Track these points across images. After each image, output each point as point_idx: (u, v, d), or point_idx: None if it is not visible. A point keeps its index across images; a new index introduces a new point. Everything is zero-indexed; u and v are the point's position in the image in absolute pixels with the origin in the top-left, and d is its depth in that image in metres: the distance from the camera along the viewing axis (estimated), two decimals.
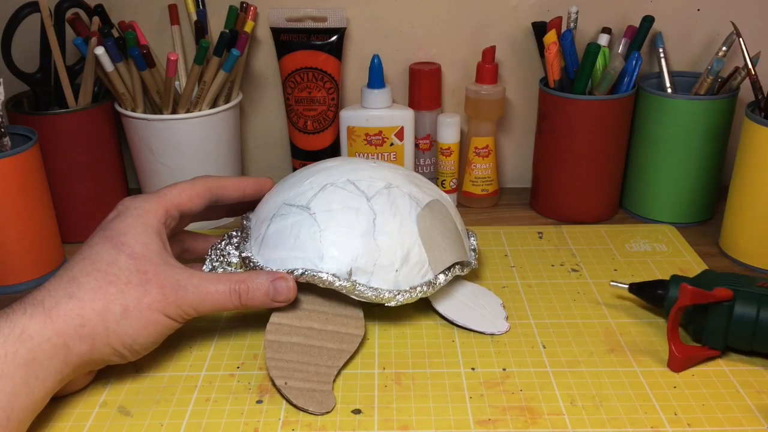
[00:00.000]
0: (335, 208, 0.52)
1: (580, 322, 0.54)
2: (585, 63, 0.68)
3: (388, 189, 0.54)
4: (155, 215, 0.49)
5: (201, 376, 0.49)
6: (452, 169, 0.74)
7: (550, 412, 0.45)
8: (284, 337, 0.49)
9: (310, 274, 0.49)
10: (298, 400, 0.45)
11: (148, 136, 0.67)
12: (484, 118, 0.72)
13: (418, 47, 0.76)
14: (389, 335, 0.53)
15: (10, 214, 0.58)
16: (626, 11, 0.73)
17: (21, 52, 0.66)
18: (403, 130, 0.72)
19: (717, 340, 0.49)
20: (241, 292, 0.48)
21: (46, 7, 0.64)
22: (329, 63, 0.73)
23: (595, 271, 0.61)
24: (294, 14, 0.73)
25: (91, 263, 0.46)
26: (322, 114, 0.75)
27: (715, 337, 0.49)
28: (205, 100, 0.67)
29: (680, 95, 0.69)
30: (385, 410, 0.45)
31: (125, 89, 0.66)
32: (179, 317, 0.47)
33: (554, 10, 0.73)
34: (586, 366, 0.49)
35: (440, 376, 0.48)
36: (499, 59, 0.75)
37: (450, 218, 0.56)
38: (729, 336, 0.49)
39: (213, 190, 0.54)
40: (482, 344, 0.52)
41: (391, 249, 0.51)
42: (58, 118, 0.65)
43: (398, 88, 0.77)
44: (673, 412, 0.45)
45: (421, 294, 0.52)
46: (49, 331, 0.42)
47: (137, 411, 0.46)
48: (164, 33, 0.74)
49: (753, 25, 0.73)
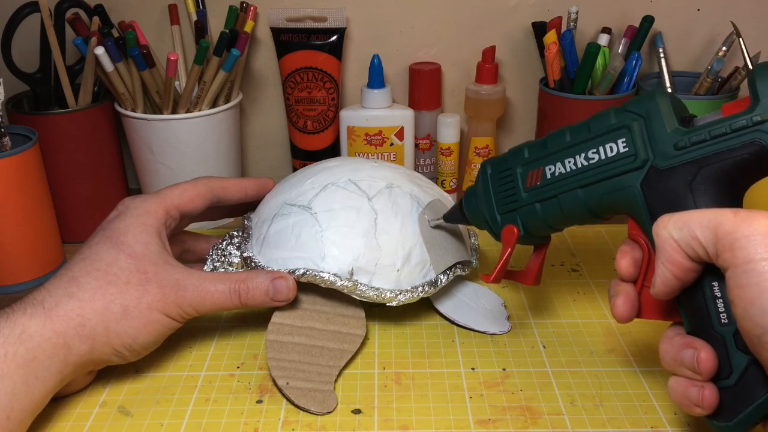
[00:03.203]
0: (336, 208, 0.52)
1: (580, 322, 0.54)
2: (585, 63, 0.68)
3: (389, 189, 0.54)
4: (155, 215, 0.49)
5: (201, 376, 0.49)
6: (452, 169, 0.74)
7: (550, 412, 0.45)
8: (286, 337, 0.49)
9: (311, 274, 0.49)
10: (300, 400, 0.45)
11: (148, 136, 0.67)
12: (484, 118, 0.72)
13: (418, 47, 0.76)
14: (389, 335, 0.53)
15: (10, 214, 0.58)
16: (626, 11, 0.73)
17: (21, 52, 0.66)
18: (403, 130, 0.72)
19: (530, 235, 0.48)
20: (241, 291, 0.48)
21: (46, 7, 0.64)
22: (329, 63, 0.73)
23: (595, 271, 0.61)
24: (294, 14, 0.73)
25: (91, 263, 0.46)
26: (322, 114, 0.75)
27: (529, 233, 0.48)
28: (205, 100, 0.67)
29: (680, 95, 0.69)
30: (385, 410, 0.45)
31: (125, 89, 0.66)
32: (179, 317, 0.47)
33: (554, 10, 0.73)
34: (586, 366, 0.49)
35: (440, 376, 0.48)
36: (499, 59, 0.75)
37: None
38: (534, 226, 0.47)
39: (214, 190, 0.54)
40: (482, 344, 0.52)
41: (393, 249, 0.51)
42: (58, 118, 0.65)
43: (398, 88, 0.77)
44: (673, 412, 0.45)
45: (423, 294, 0.52)
46: (49, 331, 0.42)
47: (137, 411, 0.46)
48: (164, 33, 0.74)
49: (753, 25, 0.73)
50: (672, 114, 0.40)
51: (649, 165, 0.40)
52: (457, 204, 0.52)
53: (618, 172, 0.42)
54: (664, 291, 0.38)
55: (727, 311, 0.36)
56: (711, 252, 0.35)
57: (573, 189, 0.44)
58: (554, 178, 0.45)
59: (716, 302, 0.37)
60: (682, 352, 0.38)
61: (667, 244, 0.36)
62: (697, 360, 0.37)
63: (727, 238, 0.34)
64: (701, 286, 0.37)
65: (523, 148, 0.47)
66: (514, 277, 0.51)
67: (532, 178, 0.46)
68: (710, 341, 0.37)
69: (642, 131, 0.41)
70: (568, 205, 0.44)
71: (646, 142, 0.40)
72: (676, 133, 0.39)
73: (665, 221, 0.37)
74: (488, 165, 0.49)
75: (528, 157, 0.46)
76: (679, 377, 0.38)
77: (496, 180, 0.48)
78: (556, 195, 0.45)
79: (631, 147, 0.41)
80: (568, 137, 0.44)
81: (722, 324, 0.37)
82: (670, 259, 0.36)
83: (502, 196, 0.48)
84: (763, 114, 0.36)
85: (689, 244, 0.36)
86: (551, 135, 0.46)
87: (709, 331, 0.37)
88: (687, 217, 0.36)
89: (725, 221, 0.34)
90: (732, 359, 0.36)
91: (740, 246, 0.33)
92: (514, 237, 0.47)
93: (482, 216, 0.50)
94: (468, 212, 0.51)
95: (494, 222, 0.49)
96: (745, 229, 0.33)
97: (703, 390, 0.37)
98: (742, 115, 0.37)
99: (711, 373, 0.37)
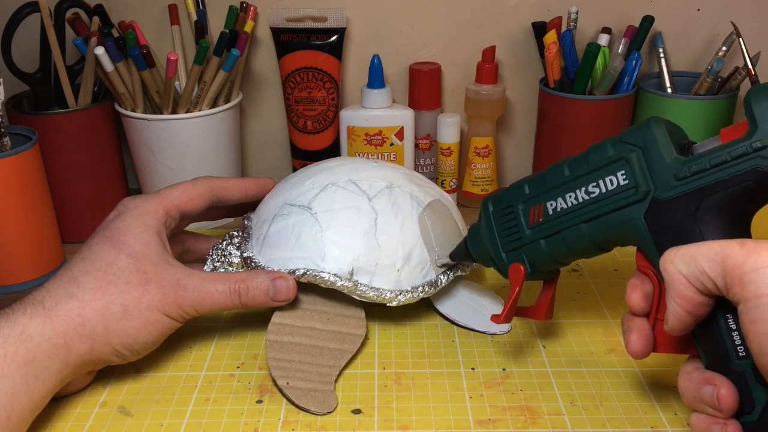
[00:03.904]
0: (337, 208, 0.52)
1: (580, 322, 0.54)
2: (585, 63, 0.68)
3: (389, 189, 0.54)
4: (155, 215, 0.49)
5: (201, 376, 0.49)
6: (452, 169, 0.74)
7: (550, 412, 0.45)
8: (286, 337, 0.49)
9: (311, 274, 0.49)
10: (300, 400, 0.45)
11: (148, 136, 0.67)
12: (484, 118, 0.72)
13: (418, 47, 0.76)
14: (389, 335, 0.53)
15: (10, 214, 0.58)
16: (626, 11, 0.73)
17: (21, 52, 0.66)
18: (403, 130, 0.72)
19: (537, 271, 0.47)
20: (241, 291, 0.48)
21: (46, 7, 0.64)
22: (329, 63, 0.73)
23: (595, 271, 0.61)
24: (294, 14, 0.73)
25: (91, 263, 0.46)
26: (322, 114, 0.75)
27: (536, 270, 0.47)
28: (205, 100, 0.67)
29: (680, 95, 0.69)
30: (385, 410, 0.45)
31: (125, 89, 0.66)
32: (179, 317, 0.47)
33: (554, 10, 0.73)
34: (586, 366, 0.49)
35: (440, 376, 0.48)
36: (499, 59, 0.75)
37: (451, 218, 0.56)
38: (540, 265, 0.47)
39: (214, 190, 0.54)
40: (482, 344, 0.52)
41: (393, 249, 0.51)
42: (58, 118, 0.65)
43: (398, 88, 0.77)
44: (673, 412, 0.45)
45: (423, 294, 0.52)
46: (49, 331, 0.42)
47: (137, 411, 0.46)
48: (164, 33, 0.74)
49: (753, 25, 0.73)
50: (669, 143, 0.39)
51: (651, 196, 0.40)
52: (463, 242, 0.52)
53: (620, 205, 0.41)
54: (678, 327, 0.37)
55: (744, 344, 0.36)
56: (721, 286, 0.34)
57: (576, 224, 0.43)
58: (556, 213, 0.44)
59: (732, 335, 0.36)
60: (702, 389, 0.37)
61: (676, 279, 0.36)
62: (717, 397, 0.36)
63: (735, 272, 0.33)
64: (715, 319, 0.36)
65: (522, 184, 0.46)
66: (525, 313, 0.50)
67: (535, 215, 0.45)
68: (729, 376, 0.36)
69: (641, 162, 0.40)
70: (573, 241, 0.44)
71: (646, 174, 0.40)
72: (675, 162, 0.39)
73: (671, 256, 0.36)
74: (489, 202, 0.48)
75: (528, 193, 0.46)
76: (701, 414, 0.37)
77: (498, 218, 0.47)
78: (560, 231, 0.44)
79: (631, 179, 0.40)
80: (566, 171, 0.43)
81: (740, 357, 0.36)
82: (681, 295, 0.36)
83: (506, 234, 0.47)
84: (763, 140, 0.35)
85: (698, 278, 0.35)
86: (550, 169, 0.45)
87: (728, 365, 0.36)
88: (694, 251, 0.35)
89: (732, 254, 0.33)
90: (753, 394, 0.35)
91: (749, 280, 0.32)
92: (521, 275, 0.46)
93: (487, 254, 0.49)
94: (473, 251, 0.50)
95: (500, 260, 0.48)
96: (753, 262, 0.32)
97: (726, 428, 0.36)
98: (741, 142, 0.36)
99: (733, 410, 0.36)
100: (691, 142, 0.40)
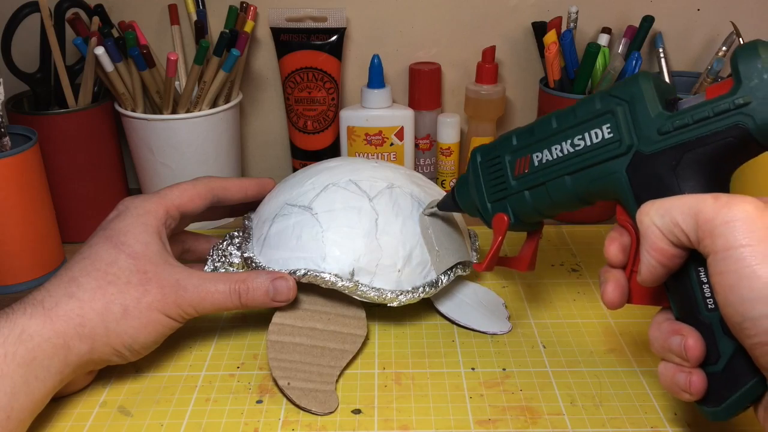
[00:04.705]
0: (337, 208, 0.52)
1: (580, 322, 0.54)
2: (585, 63, 0.68)
3: (390, 189, 0.54)
4: (155, 215, 0.49)
5: (201, 376, 0.49)
6: (452, 169, 0.74)
7: (550, 412, 0.45)
8: (287, 337, 0.49)
9: (312, 275, 0.49)
10: (301, 400, 0.45)
11: (148, 136, 0.67)
12: (484, 118, 0.72)
13: (418, 47, 0.76)
14: (389, 335, 0.53)
15: (10, 214, 0.58)
16: (626, 11, 0.73)
17: (21, 52, 0.66)
18: (403, 130, 0.72)
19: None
20: (241, 291, 0.48)
21: (46, 7, 0.64)
22: (329, 63, 0.73)
23: (595, 271, 0.61)
24: (294, 14, 0.73)
25: (91, 263, 0.46)
26: (322, 114, 0.75)
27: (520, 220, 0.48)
28: (205, 100, 0.67)
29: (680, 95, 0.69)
30: (385, 410, 0.45)
31: (125, 89, 0.66)
32: (179, 317, 0.47)
33: (554, 10, 0.73)
34: (586, 366, 0.49)
35: (440, 376, 0.48)
36: (499, 59, 0.75)
37: (452, 218, 0.56)
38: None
39: (215, 190, 0.54)
40: (482, 344, 0.52)
41: (394, 249, 0.51)
42: (58, 118, 0.65)
43: (398, 88, 0.77)
44: (673, 412, 0.45)
45: (424, 294, 0.52)
46: (49, 331, 0.42)
47: (137, 411, 0.46)
48: (164, 33, 0.74)
49: (753, 25, 0.73)
50: (656, 98, 0.39)
51: (634, 150, 0.40)
52: (450, 192, 0.52)
53: (604, 158, 0.41)
54: (650, 278, 0.38)
55: (714, 296, 0.36)
56: (693, 239, 0.35)
57: (560, 176, 0.44)
58: (542, 165, 0.44)
59: (702, 288, 0.37)
60: (670, 339, 0.38)
61: (650, 231, 0.36)
62: (684, 347, 0.37)
63: (707, 224, 0.34)
64: (687, 271, 0.37)
65: (511, 136, 0.47)
66: (508, 263, 0.51)
67: (521, 166, 0.46)
68: (697, 327, 0.37)
69: (626, 116, 0.40)
70: (556, 193, 0.44)
71: (631, 128, 0.40)
72: (659, 117, 0.39)
73: (647, 208, 0.37)
74: (478, 153, 0.49)
75: (516, 144, 0.46)
76: (668, 363, 0.38)
77: (485, 168, 0.48)
78: (544, 182, 0.45)
79: (616, 133, 0.41)
80: (554, 124, 0.44)
81: (709, 310, 0.37)
82: (654, 246, 0.36)
83: (492, 184, 0.48)
84: (746, 96, 0.36)
85: (671, 230, 0.36)
86: (538, 121, 0.45)
87: (697, 316, 0.37)
88: (669, 203, 0.36)
89: (705, 207, 0.34)
90: (719, 345, 0.36)
91: (719, 233, 0.33)
92: (504, 225, 0.47)
93: (473, 204, 0.49)
94: (460, 200, 0.51)
95: (485, 210, 0.49)
96: (724, 215, 0.33)
97: (690, 376, 0.37)
98: (725, 98, 0.36)
99: (698, 359, 0.37)
100: (678, 98, 0.40)
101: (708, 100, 0.37)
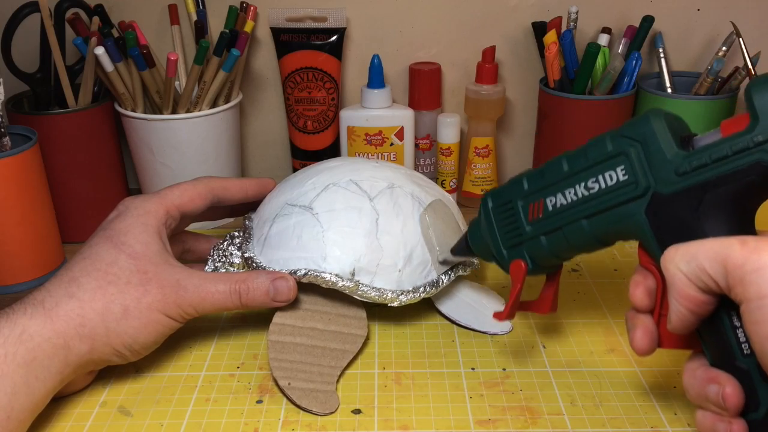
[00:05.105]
0: (338, 208, 0.52)
1: (580, 322, 0.54)
2: (585, 63, 0.68)
3: (390, 189, 0.54)
4: (155, 215, 0.49)
5: (201, 376, 0.49)
6: (452, 169, 0.74)
7: (550, 412, 0.45)
8: (287, 337, 0.49)
9: (313, 275, 0.49)
10: (302, 400, 0.45)
11: (148, 136, 0.67)
12: (484, 118, 0.72)
13: (418, 47, 0.76)
14: (389, 335, 0.53)
15: (10, 214, 0.58)
16: (626, 11, 0.73)
17: (21, 52, 0.66)
18: (403, 130, 0.72)
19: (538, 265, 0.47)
20: (242, 291, 0.48)
21: (46, 7, 0.64)
22: (329, 63, 0.73)
23: (595, 271, 0.61)
24: (294, 14, 0.73)
25: (92, 263, 0.46)
26: (322, 114, 0.75)
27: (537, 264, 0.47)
28: (205, 100, 0.67)
29: (680, 95, 0.69)
30: (385, 410, 0.45)
31: (125, 89, 0.66)
32: (179, 317, 0.47)
33: (554, 10, 0.73)
34: (586, 366, 0.49)
35: (440, 376, 0.48)
36: (499, 59, 0.75)
37: (452, 218, 0.56)
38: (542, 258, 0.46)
39: (215, 191, 0.54)
40: (482, 344, 0.52)
41: (394, 249, 0.51)
42: (58, 118, 0.65)
43: (398, 88, 0.77)
44: (673, 412, 0.45)
45: (425, 294, 0.52)
46: (50, 331, 0.42)
47: (137, 411, 0.46)
48: (164, 33, 0.74)
49: (753, 25, 0.73)
50: (669, 137, 0.38)
51: (652, 192, 0.38)
52: (463, 237, 0.51)
53: (620, 200, 0.40)
54: (681, 326, 0.36)
55: (749, 341, 0.34)
56: (723, 285, 0.33)
57: (577, 220, 0.42)
58: (556, 209, 0.43)
59: (736, 333, 0.35)
60: (707, 387, 0.36)
61: (677, 278, 0.35)
62: (723, 396, 0.35)
63: (736, 271, 0.32)
64: (719, 317, 0.36)
65: (521, 179, 0.46)
66: (529, 307, 0.49)
67: (534, 211, 0.44)
68: (734, 374, 0.35)
69: (640, 157, 0.39)
70: (574, 237, 0.43)
71: (646, 169, 0.38)
72: (676, 157, 0.37)
73: (672, 254, 0.35)
74: (489, 198, 0.48)
75: (528, 188, 0.45)
76: (706, 412, 0.36)
77: (498, 213, 0.47)
78: (561, 227, 0.43)
79: (631, 175, 0.39)
80: (565, 166, 0.43)
81: (745, 355, 0.35)
82: (683, 294, 0.35)
83: (506, 230, 0.46)
84: (765, 134, 0.34)
85: (699, 277, 0.34)
86: (548, 164, 0.44)
87: (733, 362, 0.36)
88: (694, 249, 0.34)
89: (733, 253, 0.33)
90: (759, 392, 0.35)
91: (751, 280, 0.32)
92: (522, 272, 0.46)
93: (488, 250, 0.48)
94: (473, 245, 0.50)
95: (501, 257, 0.47)
96: (754, 262, 0.32)
97: (731, 426, 0.35)
98: (743, 135, 0.35)
99: (738, 409, 0.35)
100: (692, 135, 0.39)
101: (725, 138, 0.36)
